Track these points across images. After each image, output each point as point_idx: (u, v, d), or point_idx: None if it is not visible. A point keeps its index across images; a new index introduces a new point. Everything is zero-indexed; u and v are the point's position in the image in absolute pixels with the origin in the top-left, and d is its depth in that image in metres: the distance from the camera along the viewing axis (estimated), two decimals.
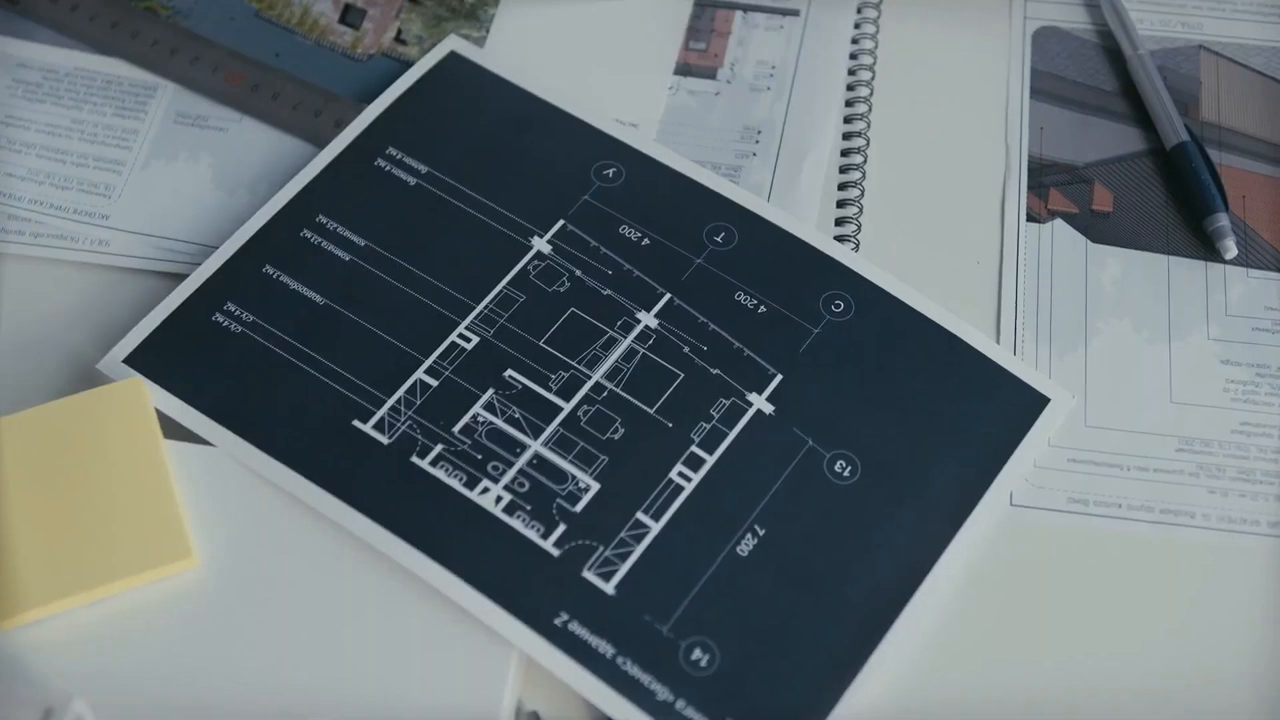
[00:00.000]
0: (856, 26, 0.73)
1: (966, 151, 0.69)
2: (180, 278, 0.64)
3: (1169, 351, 0.63)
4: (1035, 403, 0.61)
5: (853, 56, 0.72)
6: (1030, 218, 0.67)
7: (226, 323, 0.62)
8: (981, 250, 0.66)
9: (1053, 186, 0.68)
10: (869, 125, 0.70)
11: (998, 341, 0.63)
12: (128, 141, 0.68)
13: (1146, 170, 0.68)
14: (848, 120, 0.70)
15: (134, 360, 0.61)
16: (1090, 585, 0.58)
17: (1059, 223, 0.67)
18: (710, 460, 0.59)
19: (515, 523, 0.57)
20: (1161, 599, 0.57)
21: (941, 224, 0.67)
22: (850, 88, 0.71)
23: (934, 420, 0.60)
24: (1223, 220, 0.65)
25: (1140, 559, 0.58)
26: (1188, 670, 0.56)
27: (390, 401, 0.60)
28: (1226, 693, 0.55)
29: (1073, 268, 0.65)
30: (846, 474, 0.59)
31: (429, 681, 0.54)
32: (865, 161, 0.68)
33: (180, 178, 0.67)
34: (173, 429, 0.59)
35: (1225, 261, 0.65)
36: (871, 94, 0.71)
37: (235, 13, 0.72)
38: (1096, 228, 0.66)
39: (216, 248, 0.64)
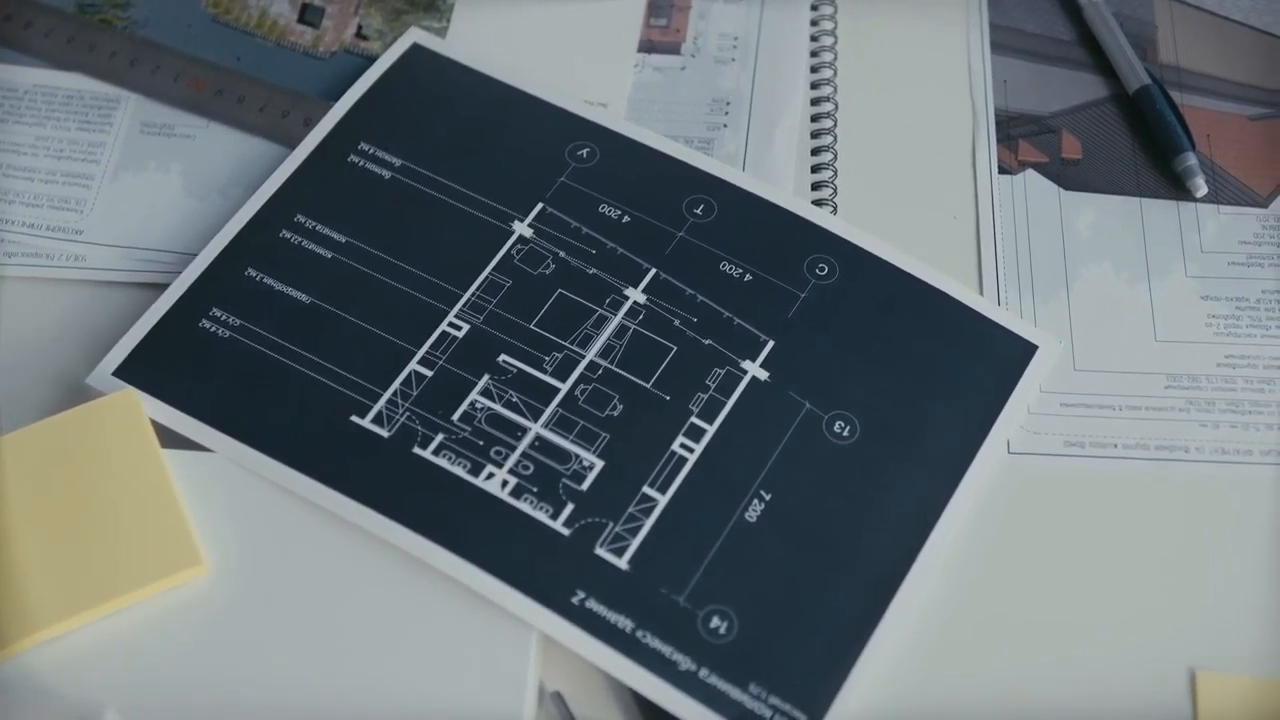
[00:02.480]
0: None
1: (934, 109, 0.69)
2: (160, 288, 0.63)
3: (1149, 291, 0.64)
4: (1023, 351, 0.61)
5: (814, 23, 0.72)
6: (1002, 170, 0.67)
7: (213, 328, 0.61)
8: (957, 205, 0.67)
9: (1021, 138, 0.68)
10: (836, 89, 0.70)
11: (981, 293, 0.64)
12: (95, 155, 0.68)
13: (1111, 116, 0.69)
14: (814, 85, 0.70)
15: (123, 372, 0.60)
16: (1093, 524, 0.58)
17: (1030, 173, 0.67)
18: (711, 430, 0.59)
19: (523, 505, 0.57)
20: (1164, 533, 0.58)
21: (916, 182, 0.67)
22: (814, 54, 0.71)
23: (927, 375, 0.60)
24: (1191, 159, 0.66)
25: (1140, 495, 0.59)
26: (1194, 601, 0.57)
27: (386, 395, 0.59)
28: (1234, 621, 0.56)
29: (1048, 216, 0.66)
30: (846, 434, 0.59)
31: (450, 671, 0.54)
32: (835, 125, 0.69)
33: (151, 188, 0.67)
34: (169, 437, 0.59)
35: (1196, 200, 0.66)
36: (836, 58, 0.71)
37: (191, 19, 0.72)
38: (1068, 175, 0.67)
39: (194, 255, 0.63)
